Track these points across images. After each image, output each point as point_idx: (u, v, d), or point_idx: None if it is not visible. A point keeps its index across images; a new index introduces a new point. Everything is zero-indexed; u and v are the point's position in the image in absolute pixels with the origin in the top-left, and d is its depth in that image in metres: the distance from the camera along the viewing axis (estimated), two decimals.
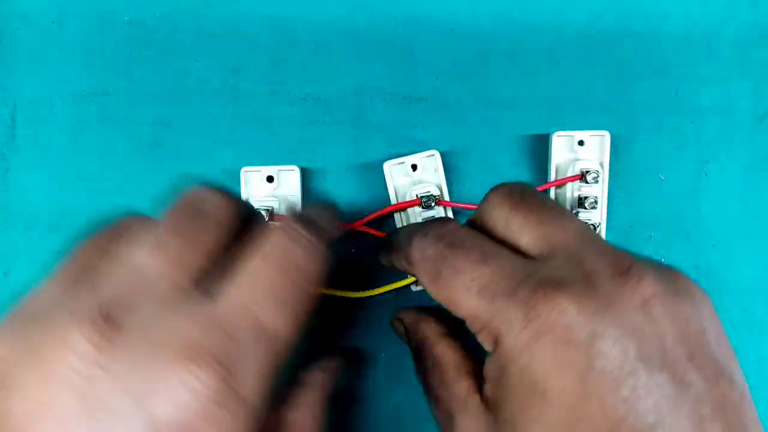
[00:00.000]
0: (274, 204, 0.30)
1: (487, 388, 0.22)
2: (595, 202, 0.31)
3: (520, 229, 0.22)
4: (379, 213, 0.30)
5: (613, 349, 0.18)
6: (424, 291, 0.31)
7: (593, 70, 0.33)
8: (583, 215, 0.31)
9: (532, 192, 0.23)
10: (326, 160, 0.32)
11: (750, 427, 0.19)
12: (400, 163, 0.31)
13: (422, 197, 0.30)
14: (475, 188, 0.32)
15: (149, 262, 0.18)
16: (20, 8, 0.31)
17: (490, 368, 0.21)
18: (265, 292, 0.18)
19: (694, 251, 0.33)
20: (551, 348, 0.19)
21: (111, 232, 0.21)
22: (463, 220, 0.32)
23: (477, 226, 0.24)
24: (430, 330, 0.26)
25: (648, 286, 0.19)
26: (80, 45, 0.31)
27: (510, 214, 0.22)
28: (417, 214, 0.31)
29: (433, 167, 0.31)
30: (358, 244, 0.32)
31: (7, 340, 0.16)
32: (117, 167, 0.31)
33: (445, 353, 0.25)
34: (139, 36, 0.31)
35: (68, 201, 0.31)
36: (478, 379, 0.23)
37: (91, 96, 0.31)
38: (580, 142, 0.32)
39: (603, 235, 0.31)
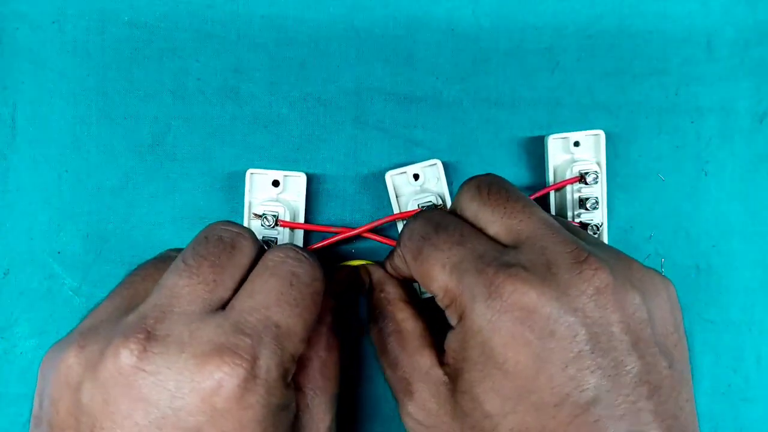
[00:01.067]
0: (279, 210, 0.30)
1: (449, 360, 0.24)
2: (596, 202, 0.31)
3: (488, 222, 0.24)
4: (380, 222, 0.30)
5: (565, 332, 0.20)
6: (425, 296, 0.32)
7: (593, 70, 0.33)
8: (585, 216, 0.31)
9: (499, 186, 0.25)
10: (326, 160, 0.32)
11: (683, 407, 0.21)
12: (401, 173, 0.31)
13: (423, 207, 0.30)
14: None
15: (178, 282, 0.22)
16: (20, 8, 0.31)
17: (452, 341, 0.23)
18: (273, 298, 0.22)
19: (694, 251, 0.33)
20: (511, 325, 0.21)
21: (156, 262, 0.25)
22: None
23: (456, 215, 0.26)
24: (396, 293, 0.27)
25: (601, 277, 0.21)
26: (80, 45, 0.31)
27: (479, 209, 0.24)
28: None
29: (435, 176, 0.31)
30: (357, 245, 0.32)
31: (74, 352, 0.21)
32: (117, 167, 0.31)
33: (409, 320, 0.26)
34: (139, 36, 0.31)
35: (68, 201, 0.31)
36: (439, 352, 0.25)
37: (91, 96, 0.31)
38: (576, 143, 0.32)
39: (605, 235, 0.31)
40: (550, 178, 0.32)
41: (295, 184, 0.31)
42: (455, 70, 0.32)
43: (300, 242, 0.31)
